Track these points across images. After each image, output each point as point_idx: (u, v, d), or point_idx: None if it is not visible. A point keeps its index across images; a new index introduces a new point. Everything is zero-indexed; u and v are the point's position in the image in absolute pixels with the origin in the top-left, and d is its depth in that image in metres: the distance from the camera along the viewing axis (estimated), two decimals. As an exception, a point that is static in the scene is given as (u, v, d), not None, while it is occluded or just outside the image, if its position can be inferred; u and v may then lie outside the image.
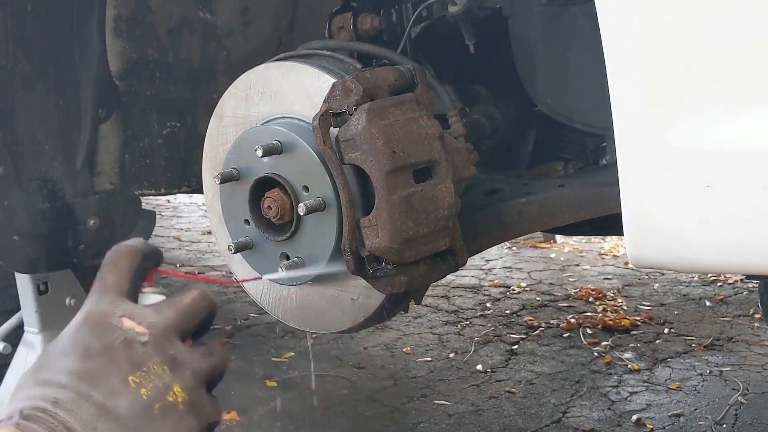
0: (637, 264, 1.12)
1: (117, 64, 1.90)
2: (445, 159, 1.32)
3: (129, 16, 1.89)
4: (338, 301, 1.44)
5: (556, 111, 1.55)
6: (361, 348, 3.17)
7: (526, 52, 1.54)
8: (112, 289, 0.84)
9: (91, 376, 0.77)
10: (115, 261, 0.87)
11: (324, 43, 1.50)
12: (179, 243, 5.04)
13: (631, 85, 1.07)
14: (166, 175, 2.06)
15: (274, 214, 1.36)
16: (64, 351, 0.79)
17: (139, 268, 0.88)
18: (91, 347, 0.79)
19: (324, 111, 1.28)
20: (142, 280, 0.89)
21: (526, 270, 4.28)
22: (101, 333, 0.80)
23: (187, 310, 0.85)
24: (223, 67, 2.08)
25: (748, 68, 1.00)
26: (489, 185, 1.61)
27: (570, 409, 2.60)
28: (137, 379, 0.78)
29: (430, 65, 1.68)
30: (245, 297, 1.63)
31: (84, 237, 1.92)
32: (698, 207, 1.03)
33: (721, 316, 3.46)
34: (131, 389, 0.77)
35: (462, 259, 1.39)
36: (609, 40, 1.06)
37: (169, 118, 2.04)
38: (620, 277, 4.09)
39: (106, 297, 0.83)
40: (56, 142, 1.87)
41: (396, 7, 1.60)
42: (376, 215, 1.25)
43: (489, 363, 3.01)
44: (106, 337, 0.79)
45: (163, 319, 0.82)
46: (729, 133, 1.01)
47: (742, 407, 2.56)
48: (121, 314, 0.81)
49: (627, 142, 1.08)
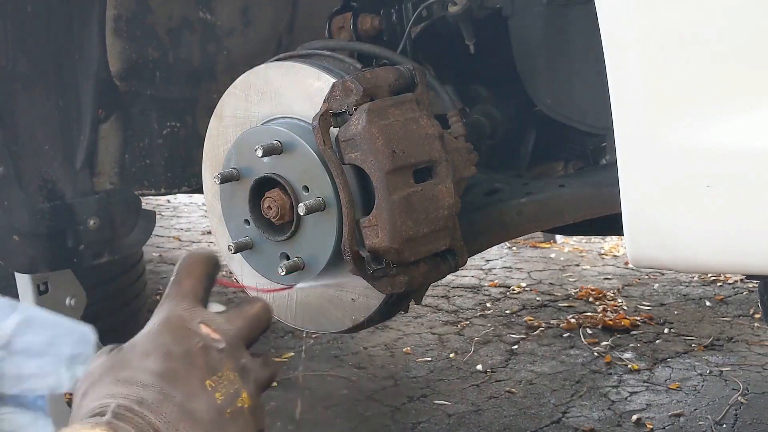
0: (637, 264, 1.12)
1: (117, 64, 1.90)
2: (445, 159, 1.32)
3: (129, 16, 1.89)
4: (338, 301, 1.44)
5: (556, 111, 1.55)
6: (361, 348, 3.17)
7: (526, 52, 1.55)
8: (189, 295, 0.88)
9: (172, 377, 0.80)
10: (191, 267, 0.91)
11: (324, 43, 1.50)
12: (179, 243, 5.04)
13: (631, 85, 1.07)
14: (166, 175, 2.06)
15: (274, 214, 1.36)
16: (146, 352, 0.82)
17: (211, 276, 0.92)
18: (172, 350, 0.82)
19: (324, 111, 1.28)
20: (212, 288, 0.93)
21: (526, 270, 4.28)
22: (181, 338, 0.83)
23: (254, 321, 0.90)
24: (223, 67, 2.07)
25: (748, 68, 1.00)
26: (489, 185, 1.61)
27: (570, 409, 2.60)
28: (213, 384, 0.82)
29: (430, 65, 1.68)
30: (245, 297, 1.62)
31: (84, 237, 1.92)
32: (698, 207, 1.03)
33: (721, 316, 3.46)
34: (208, 393, 0.81)
35: (462, 259, 1.39)
36: (609, 40, 1.06)
37: (169, 118, 2.04)
38: (620, 277, 4.09)
39: (183, 302, 0.87)
40: (56, 142, 1.87)
41: (396, 7, 1.60)
42: (376, 215, 1.25)
43: (489, 363, 3.01)
44: (186, 341, 0.83)
45: (234, 328, 0.87)
46: (729, 133, 1.01)
47: (742, 407, 2.56)
48: (199, 320, 0.85)
49: (627, 142, 1.08)
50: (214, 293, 0.93)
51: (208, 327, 0.85)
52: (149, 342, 0.84)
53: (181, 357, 0.82)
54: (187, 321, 0.85)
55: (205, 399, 0.81)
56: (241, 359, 0.85)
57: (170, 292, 0.89)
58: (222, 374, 0.83)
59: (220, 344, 0.84)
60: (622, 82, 1.07)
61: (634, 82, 1.06)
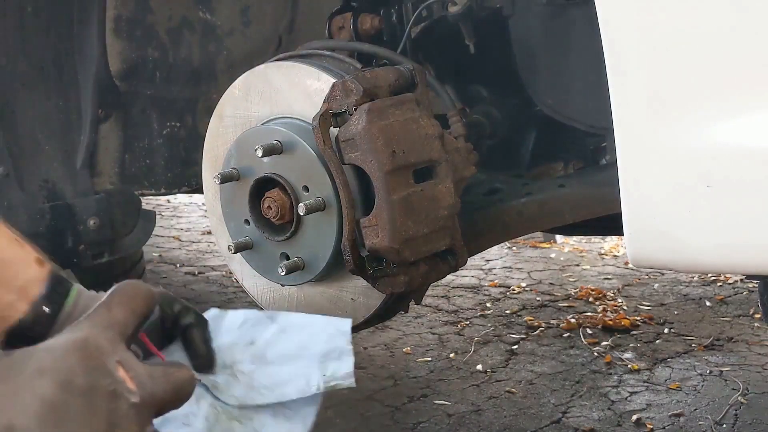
0: (637, 264, 1.12)
1: (117, 64, 1.90)
2: (445, 159, 1.32)
3: (129, 16, 1.89)
4: (338, 301, 1.44)
5: (556, 111, 1.55)
6: (361, 348, 3.16)
7: (526, 52, 1.55)
8: (117, 327, 0.73)
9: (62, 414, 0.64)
10: (129, 298, 0.77)
11: (324, 43, 1.50)
12: (179, 243, 5.04)
13: (631, 86, 1.07)
14: (166, 175, 2.06)
15: (274, 214, 1.36)
16: (41, 369, 0.66)
17: (146, 317, 0.79)
18: (74, 380, 0.66)
19: (324, 111, 1.28)
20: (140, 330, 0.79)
21: (526, 270, 4.28)
22: (91, 369, 0.67)
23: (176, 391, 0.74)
24: (223, 67, 2.08)
25: (748, 68, 1.00)
26: (489, 185, 1.61)
27: (570, 409, 2.60)
28: None
29: (430, 65, 1.68)
30: (245, 297, 1.62)
31: (84, 237, 1.92)
32: (698, 207, 1.03)
33: (721, 316, 3.46)
34: None
35: (462, 259, 1.39)
36: (609, 40, 1.06)
37: (169, 118, 2.04)
38: (620, 277, 4.09)
39: (108, 332, 0.72)
40: (56, 142, 1.87)
41: (396, 7, 1.60)
42: (376, 215, 1.25)
43: (489, 363, 3.00)
44: (95, 376, 0.67)
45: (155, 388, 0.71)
46: (729, 133, 1.01)
47: (742, 407, 2.56)
48: (118, 359, 0.70)
49: (627, 142, 1.08)
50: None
51: (126, 373, 0.69)
52: (50, 359, 0.66)
53: (83, 392, 0.65)
54: (105, 354, 0.69)
55: None
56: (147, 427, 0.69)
57: (95, 315, 0.73)
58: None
59: (134, 397, 0.68)
60: (622, 82, 1.07)
61: (634, 82, 1.06)
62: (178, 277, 4.18)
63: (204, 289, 3.86)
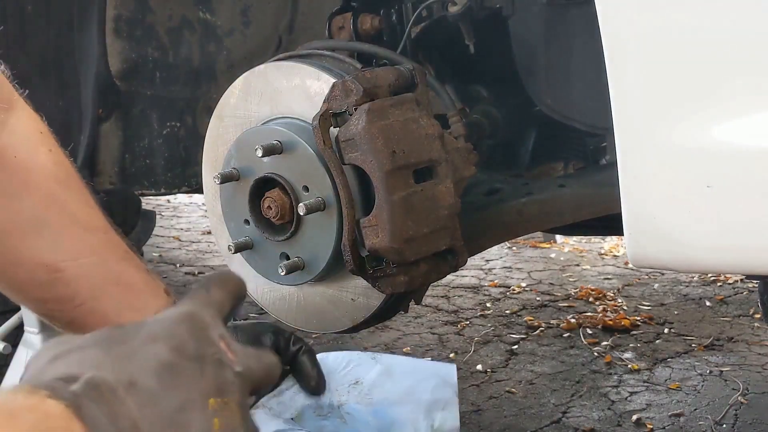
0: (637, 264, 1.12)
1: (117, 64, 1.90)
2: (445, 159, 1.32)
3: (129, 16, 1.89)
4: (338, 301, 1.44)
5: (556, 111, 1.55)
6: (361, 348, 3.16)
7: (526, 52, 1.55)
8: (216, 305, 0.76)
9: (175, 375, 0.66)
10: (225, 282, 0.80)
11: (324, 43, 1.50)
12: (179, 243, 5.04)
13: (630, 85, 1.07)
14: (166, 175, 2.06)
15: (274, 214, 1.36)
16: (154, 335, 0.68)
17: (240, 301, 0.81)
18: (185, 346, 0.68)
19: (324, 111, 1.28)
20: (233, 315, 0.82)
21: (526, 270, 4.28)
22: (199, 339, 0.69)
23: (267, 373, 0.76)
24: (223, 67, 2.08)
25: (748, 68, 1.00)
26: (489, 185, 1.61)
27: (570, 409, 2.60)
28: (216, 406, 0.67)
29: (430, 65, 1.68)
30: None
31: (84, 237, 1.92)
32: (698, 207, 1.03)
33: (721, 316, 3.46)
34: (207, 412, 0.66)
35: (462, 259, 1.39)
36: (609, 40, 1.06)
37: (169, 118, 2.04)
38: (620, 277, 4.09)
39: (209, 309, 0.75)
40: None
41: (396, 7, 1.60)
42: (376, 215, 1.25)
43: (489, 363, 3.00)
44: (202, 345, 0.69)
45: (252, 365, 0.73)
46: (729, 133, 1.01)
47: (742, 407, 2.56)
48: (219, 333, 0.72)
49: (627, 142, 1.08)
50: None
51: (227, 347, 0.71)
52: (160, 327, 0.69)
53: (193, 358, 0.68)
54: (209, 327, 0.72)
55: (202, 417, 0.65)
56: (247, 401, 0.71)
57: (195, 295, 0.77)
58: (228, 401, 0.68)
59: (237, 367, 0.70)
60: (622, 82, 1.07)
61: (634, 82, 1.06)
62: (178, 277, 4.18)
63: (204, 289, 3.85)
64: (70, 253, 1.01)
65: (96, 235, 1.04)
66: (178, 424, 0.64)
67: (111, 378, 0.62)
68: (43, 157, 1.05)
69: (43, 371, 0.64)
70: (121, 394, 0.62)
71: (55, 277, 1.00)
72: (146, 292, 1.02)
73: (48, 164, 1.05)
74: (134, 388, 0.63)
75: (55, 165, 1.05)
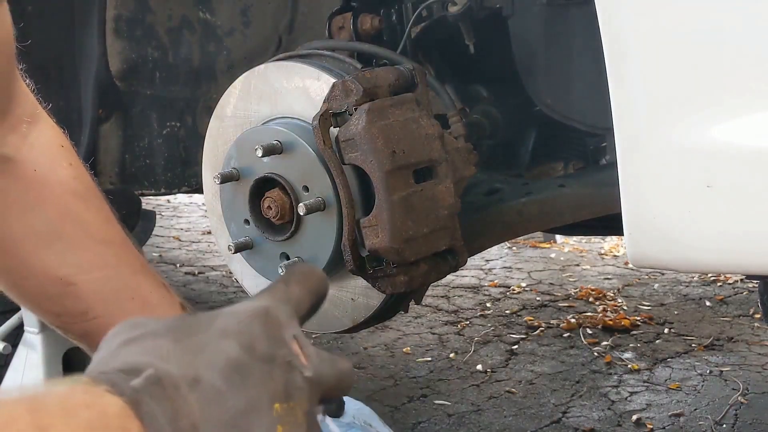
0: (637, 264, 1.12)
1: (117, 64, 1.90)
2: (445, 159, 1.32)
3: (129, 16, 1.89)
4: (338, 301, 1.44)
5: (556, 111, 1.55)
6: (361, 348, 3.17)
7: (526, 52, 1.54)
8: (293, 303, 0.73)
9: (243, 375, 0.63)
10: (306, 277, 0.76)
11: (324, 43, 1.50)
12: (179, 243, 5.04)
13: (630, 85, 1.07)
14: (166, 175, 2.06)
15: (274, 214, 1.36)
16: (225, 330, 0.65)
17: (321, 299, 0.77)
18: (256, 345, 0.65)
19: (324, 111, 1.28)
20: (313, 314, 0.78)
21: (526, 270, 4.28)
22: (271, 339, 0.67)
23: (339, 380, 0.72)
24: (223, 67, 2.08)
25: (748, 68, 1.00)
26: (489, 185, 1.61)
27: (570, 409, 2.60)
28: (281, 411, 0.64)
29: (430, 65, 1.68)
30: (245, 297, 1.62)
31: (84, 237, 1.92)
32: (698, 207, 1.03)
33: (721, 316, 3.46)
34: (272, 417, 0.63)
35: (462, 259, 1.39)
36: (609, 40, 1.06)
37: (169, 118, 2.04)
38: (620, 277, 4.09)
39: (286, 306, 0.71)
40: (56, 142, 1.87)
41: (396, 7, 1.60)
42: (376, 215, 1.25)
43: (489, 363, 3.01)
44: (273, 345, 0.66)
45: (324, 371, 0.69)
46: (729, 133, 1.01)
47: (742, 407, 2.56)
48: (293, 334, 0.69)
49: (627, 142, 1.08)
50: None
51: (301, 349, 0.68)
52: (234, 321, 0.66)
53: (263, 359, 0.65)
54: (283, 326, 0.68)
55: (266, 422, 0.62)
56: (315, 408, 0.68)
57: (274, 289, 0.74)
58: (294, 407, 0.64)
59: (307, 372, 0.67)
60: (622, 82, 1.07)
61: (634, 81, 1.06)
62: (178, 277, 4.18)
63: (204, 289, 3.86)
64: (83, 267, 1.01)
65: (111, 249, 1.04)
66: (239, 427, 0.61)
67: (176, 372, 0.60)
68: (62, 171, 1.04)
69: (113, 355, 0.63)
70: (184, 390, 0.60)
71: (68, 291, 1.00)
72: (162, 307, 1.02)
73: (67, 178, 1.04)
74: (198, 385, 0.61)
75: (74, 179, 1.05)
